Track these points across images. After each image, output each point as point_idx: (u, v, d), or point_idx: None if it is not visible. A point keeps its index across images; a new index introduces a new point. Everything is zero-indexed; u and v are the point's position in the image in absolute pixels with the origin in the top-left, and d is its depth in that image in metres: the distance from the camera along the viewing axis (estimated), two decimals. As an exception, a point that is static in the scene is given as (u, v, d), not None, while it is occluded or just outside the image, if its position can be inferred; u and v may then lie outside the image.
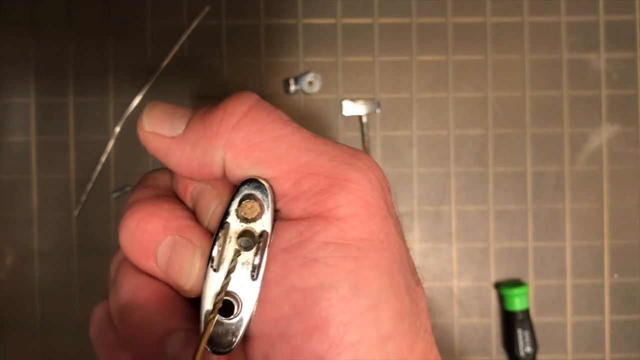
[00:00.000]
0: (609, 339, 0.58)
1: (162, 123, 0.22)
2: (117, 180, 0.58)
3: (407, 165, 0.58)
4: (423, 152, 0.58)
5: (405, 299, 0.21)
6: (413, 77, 0.59)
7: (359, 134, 0.58)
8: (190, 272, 0.22)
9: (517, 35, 0.59)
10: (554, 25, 0.59)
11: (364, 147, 0.58)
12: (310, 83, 0.57)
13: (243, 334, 0.21)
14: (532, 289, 0.58)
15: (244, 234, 0.22)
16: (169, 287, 0.23)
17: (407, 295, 0.22)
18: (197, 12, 0.58)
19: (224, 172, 0.22)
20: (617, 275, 0.58)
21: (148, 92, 0.58)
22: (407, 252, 0.23)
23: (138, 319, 0.22)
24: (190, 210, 0.24)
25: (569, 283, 0.58)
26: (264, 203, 0.21)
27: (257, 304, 0.21)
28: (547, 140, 0.59)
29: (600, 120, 0.59)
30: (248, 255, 0.21)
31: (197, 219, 0.24)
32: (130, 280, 0.23)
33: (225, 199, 0.23)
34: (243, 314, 0.21)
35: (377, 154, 0.58)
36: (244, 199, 0.21)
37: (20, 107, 0.57)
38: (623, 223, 0.59)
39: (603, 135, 0.59)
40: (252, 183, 0.21)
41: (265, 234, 0.21)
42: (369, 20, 0.58)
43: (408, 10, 0.58)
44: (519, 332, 0.56)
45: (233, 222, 0.22)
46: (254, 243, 0.21)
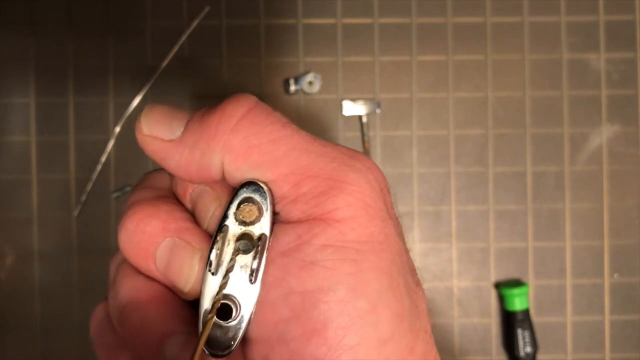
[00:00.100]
0: (609, 339, 0.58)
1: (160, 126, 0.22)
2: (117, 180, 0.58)
3: (407, 165, 0.58)
4: (423, 152, 0.58)
5: (405, 301, 0.21)
6: (413, 77, 0.58)
7: (359, 134, 0.58)
8: (189, 274, 0.22)
9: (517, 35, 0.59)
10: (554, 25, 0.59)
11: (364, 147, 0.58)
12: (310, 83, 0.57)
13: (241, 337, 0.21)
14: (532, 289, 0.58)
15: (243, 237, 0.22)
16: (168, 289, 0.23)
17: (406, 297, 0.22)
18: (197, 12, 0.58)
19: (223, 174, 0.22)
20: (617, 275, 0.58)
21: (148, 92, 0.58)
22: (407, 253, 0.23)
23: (137, 320, 0.22)
24: (190, 212, 0.24)
25: (569, 283, 0.58)
26: (263, 206, 0.21)
27: (255, 307, 0.21)
28: (547, 140, 0.59)
29: (600, 120, 0.59)
30: (246, 259, 0.21)
31: (196, 221, 0.24)
32: (130, 282, 0.23)
33: (225, 201, 0.23)
34: (241, 317, 0.21)
35: (377, 154, 0.58)
36: (243, 203, 0.21)
37: (20, 107, 0.58)
38: (623, 223, 0.59)
39: (603, 135, 0.59)
40: (251, 186, 0.21)
41: (264, 237, 0.21)
42: (369, 20, 0.58)
43: (408, 10, 0.58)
44: (519, 332, 0.56)
45: (231, 225, 0.22)
46: (253, 246, 0.21)
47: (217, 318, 0.21)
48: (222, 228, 0.22)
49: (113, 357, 0.23)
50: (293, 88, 0.57)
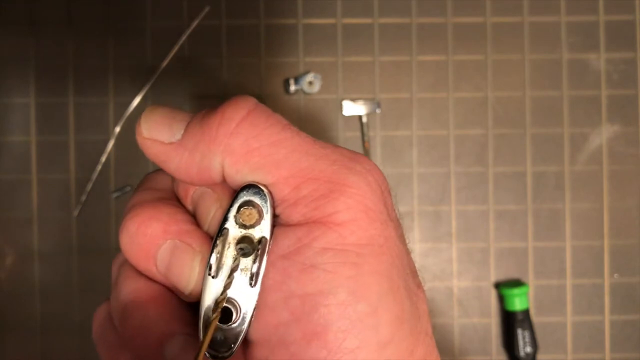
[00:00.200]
0: (609, 339, 0.58)
1: (160, 128, 0.22)
2: (117, 180, 0.58)
3: (407, 166, 0.58)
4: (423, 152, 0.58)
5: (405, 303, 0.21)
6: (413, 77, 0.58)
7: (359, 134, 0.58)
8: (190, 276, 0.22)
9: (517, 35, 0.59)
10: (554, 25, 0.59)
11: (364, 147, 0.58)
12: (310, 83, 0.57)
13: (242, 340, 0.21)
14: (532, 289, 0.58)
15: (243, 240, 0.21)
16: (169, 290, 0.23)
17: (407, 299, 0.22)
18: (197, 12, 0.58)
19: (224, 177, 0.22)
20: (617, 275, 0.58)
21: (148, 92, 0.58)
22: (407, 255, 0.23)
23: (138, 321, 0.22)
24: (191, 214, 0.24)
25: (569, 283, 0.58)
26: (263, 209, 0.21)
27: (255, 310, 0.21)
28: (547, 140, 0.59)
29: (600, 120, 0.59)
30: (247, 262, 0.21)
31: (197, 223, 0.24)
32: (131, 283, 0.23)
33: (225, 204, 0.23)
34: (242, 320, 0.21)
35: (377, 154, 0.58)
36: (243, 206, 0.21)
37: (20, 107, 0.57)
38: (623, 223, 0.59)
39: (603, 135, 0.59)
40: (251, 189, 0.21)
41: (264, 241, 0.21)
42: (369, 20, 0.58)
43: (408, 10, 0.58)
44: (519, 332, 0.56)
45: (232, 228, 0.22)
46: (253, 249, 0.21)
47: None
48: (222, 231, 0.22)
49: (114, 357, 0.23)
50: (293, 88, 0.57)
